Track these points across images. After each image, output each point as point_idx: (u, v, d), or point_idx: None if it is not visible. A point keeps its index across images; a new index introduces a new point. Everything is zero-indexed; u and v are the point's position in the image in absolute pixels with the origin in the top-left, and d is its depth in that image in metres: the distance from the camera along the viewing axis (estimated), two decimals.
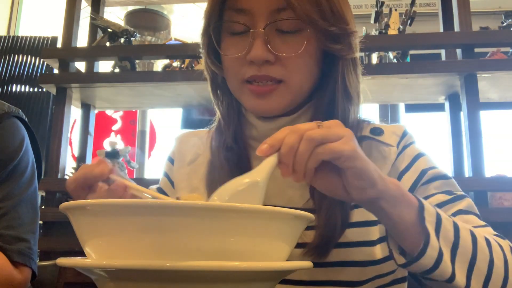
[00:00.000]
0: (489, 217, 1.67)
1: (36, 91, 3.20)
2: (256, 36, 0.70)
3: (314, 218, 0.52)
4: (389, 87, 2.00)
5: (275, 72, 0.71)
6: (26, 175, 0.97)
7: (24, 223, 0.94)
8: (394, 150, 0.75)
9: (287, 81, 0.71)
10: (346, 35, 0.72)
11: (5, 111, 0.97)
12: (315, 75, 0.75)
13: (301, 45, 0.70)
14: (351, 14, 0.76)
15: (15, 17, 3.91)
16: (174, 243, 0.42)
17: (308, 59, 0.72)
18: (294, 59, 0.71)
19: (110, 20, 2.13)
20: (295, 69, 0.71)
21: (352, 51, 0.74)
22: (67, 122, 2.01)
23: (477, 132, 1.78)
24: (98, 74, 2.13)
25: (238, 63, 0.73)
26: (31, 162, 1.00)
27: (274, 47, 0.70)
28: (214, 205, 0.44)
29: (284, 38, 0.71)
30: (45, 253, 1.84)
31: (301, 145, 0.52)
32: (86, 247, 0.47)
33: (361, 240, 0.70)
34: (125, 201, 0.43)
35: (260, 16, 0.70)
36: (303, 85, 0.74)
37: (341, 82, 0.73)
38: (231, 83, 0.76)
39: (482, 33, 1.94)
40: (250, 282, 0.46)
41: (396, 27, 2.02)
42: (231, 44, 0.74)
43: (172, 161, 0.87)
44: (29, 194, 0.97)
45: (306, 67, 0.72)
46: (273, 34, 0.71)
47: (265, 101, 0.72)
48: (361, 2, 3.42)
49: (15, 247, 0.90)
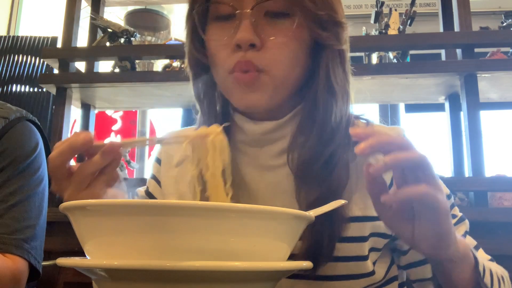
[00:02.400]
0: (489, 217, 1.68)
1: (36, 91, 3.19)
2: (243, 18, 0.67)
3: (314, 218, 0.52)
4: (389, 87, 2.00)
5: (259, 59, 0.67)
6: (37, 175, 1.00)
7: (31, 217, 0.96)
8: None
9: (269, 71, 0.68)
10: (333, 24, 0.70)
11: (23, 115, 1.02)
12: (302, 68, 0.71)
13: (289, 30, 0.67)
14: (341, 7, 0.74)
15: (15, 17, 3.91)
16: (174, 243, 0.42)
17: (296, 46, 0.69)
18: (280, 46, 0.68)
19: (110, 20, 2.13)
20: (280, 58, 0.68)
21: (340, 42, 0.71)
22: (67, 122, 2.01)
23: (477, 132, 1.78)
24: (98, 74, 2.13)
25: (225, 50, 0.69)
26: (44, 166, 1.03)
27: (262, 30, 0.67)
28: (214, 205, 0.44)
29: (272, 23, 0.68)
30: (45, 253, 1.83)
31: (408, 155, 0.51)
32: (86, 247, 0.47)
33: (354, 255, 0.70)
34: (125, 201, 0.43)
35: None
36: (288, 77, 0.70)
37: (325, 74, 0.70)
38: (217, 74, 0.72)
39: (482, 33, 1.94)
40: (250, 282, 0.46)
41: (396, 27, 2.02)
42: (217, 29, 0.71)
43: (159, 162, 0.84)
44: (38, 192, 1.00)
45: (292, 56, 0.69)
46: (261, 17, 0.68)
47: (249, 94, 0.68)
48: (361, 2, 3.42)
49: (14, 238, 0.92)
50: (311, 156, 0.68)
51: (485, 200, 1.74)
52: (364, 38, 2.01)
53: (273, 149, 0.73)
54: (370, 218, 0.70)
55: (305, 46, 0.70)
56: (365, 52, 2.04)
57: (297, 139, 0.71)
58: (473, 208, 1.72)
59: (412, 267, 0.75)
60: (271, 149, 0.73)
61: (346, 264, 0.69)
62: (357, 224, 0.69)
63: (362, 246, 0.70)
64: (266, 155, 0.73)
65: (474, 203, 1.74)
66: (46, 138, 1.08)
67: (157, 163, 0.84)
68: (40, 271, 0.98)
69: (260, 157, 0.73)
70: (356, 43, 1.87)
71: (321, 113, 0.69)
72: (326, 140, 0.69)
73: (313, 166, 0.68)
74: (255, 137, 0.73)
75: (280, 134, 0.73)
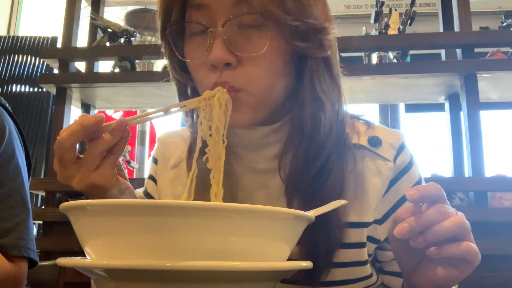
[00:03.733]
0: (489, 217, 1.68)
1: (36, 91, 3.20)
2: (215, 36, 0.62)
3: (314, 218, 0.52)
4: (389, 87, 2.00)
5: (236, 79, 0.63)
6: (13, 164, 0.92)
7: (18, 213, 0.91)
8: (391, 166, 0.71)
9: (248, 89, 0.63)
10: (313, 31, 0.64)
11: None
12: (285, 79, 0.67)
13: (265, 43, 0.62)
14: (324, 9, 0.68)
15: (15, 17, 3.91)
16: (174, 243, 0.42)
17: (275, 60, 0.64)
18: (257, 62, 0.63)
19: (110, 20, 2.13)
20: (258, 74, 0.63)
21: (323, 49, 0.66)
22: (67, 122, 2.02)
23: (477, 132, 1.78)
24: (98, 74, 2.13)
25: (202, 70, 0.65)
26: (18, 152, 0.95)
27: (236, 46, 0.62)
28: (214, 205, 0.44)
29: (246, 35, 0.63)
30: (45, 253, 1.84)
31: (449, 223, 0.51)
32: (86, 247, 0.47)
33: (354, 260, 0.70)
34: (125, 201, 0.43)
35: (219, 12, 0.63)
36: (269, 92, 0.65)
37: (310, 86, 0.66)
38: (201, 92, 0.68)
39: (482, 33, 1.95)
40: (250, 282, 0.46)
41: (396, 27, 2.02)
42: (192, 47, 0.66)
43: (156, 161, 0.82)
44: (19, 183, 0.93)
45: (271, 71, 0.64)
46: (234, 31, 0.63)
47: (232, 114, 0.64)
48: (361, 2, 3.42)
49: (10, 240, 0.88)
50: (299, 173, 0.66)
51: (485, 200, 1.74)
52: (364, 38, 2.01)
53: (268, 153, 0.71)
54: (366, 224, 0.70)
55: (284, 58, 0.65)
56: (365, 52, 2.05)
57: (285, 156, 0.69)
58: (473, 208, 1.73)
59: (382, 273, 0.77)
60: (266, 153, 0.71)
61: (346, 270, 0.69)
62: (356, 230, 0.69)
63: (361, 252, 0.70)
64: (261, 158, 0.72)
65: (474, 203, 1.75)
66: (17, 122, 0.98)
67: (154, 163, 0.83)
68: (37, 260, 0.94)
69: (256, 160, 0.72)
70: (356, 43, 1.87)
71: (309, 127, 0.66)
72: (315, 155, 0.66)
73: (302, 182, 0.66)
74: (251, 141, 0.71)
75: (275, 138, 0.71)
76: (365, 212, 0.69)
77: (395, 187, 0.71)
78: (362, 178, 0.70)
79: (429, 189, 0.52)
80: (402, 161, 0.72)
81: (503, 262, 1.64)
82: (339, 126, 0.69)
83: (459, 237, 0.52)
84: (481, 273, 1.60)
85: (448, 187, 1.75)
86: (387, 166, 0.71)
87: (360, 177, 0.70)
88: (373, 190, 0.70)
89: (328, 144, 0.67)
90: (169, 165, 0.79)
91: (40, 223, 2.46)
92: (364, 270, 0.71)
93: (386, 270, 0.76)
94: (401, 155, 0.73)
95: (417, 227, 0.51)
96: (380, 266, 0.77)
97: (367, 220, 0.69)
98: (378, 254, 0.75)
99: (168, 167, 0.79)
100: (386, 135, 0.74)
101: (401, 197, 0.71)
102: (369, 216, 0.69)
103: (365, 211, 0.69)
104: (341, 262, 0.68)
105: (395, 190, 0.71)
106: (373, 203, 0.70)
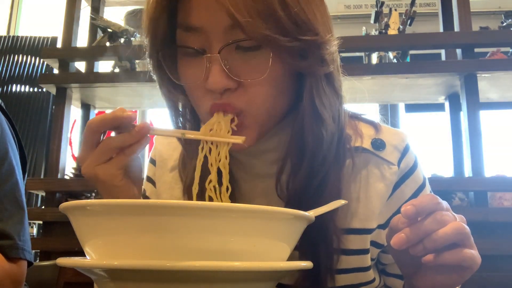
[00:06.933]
0: (489, 217, 1.68)
1: (36, 91, 3.20)
2: (212, 61, 0.59)
3: (314, 218, 0.52)
4: (389, 87, 2.00)
5: (237, 101, 0.60)
6: (6, 163, 0.90)
7: (13, 215, 0.90)
8: (395, 170, 0.70)
9: (250, 111, 0.61)
10: (314, 47, 0.61)
11: None
12: (287, 94, 0.64)
13: (265, 65, 0.59)
14: (325, 17, 0.64)
15: (15, 17, 3.91)
16: (174, 243, 0.42)
17: (275, 80, 0.61)
18: (258, 84, 0.60)
19: (110, 20, 2.13)
20: (260, 96, 0.61)
21: (325, 64, 0.62)
22: (67, 122, 2.02)
23: (477, 132, 1.78)
24: (98, 74, 2.13)
25: (198, 90, 0.62)
26: (11, 150, 0.92)
27: (235, 70, 0.59)
28: (214, 205, 0.44)
29: (245, 60, 0.60)
30: (45, 253, 1.84)
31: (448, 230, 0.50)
32: (86, 247, 0.47)
33: (358, 266, 0.69)
34: (125, 201, 0.43)
35: (215, 35, 0.59)
36: (271, 111, 0.63)
37: (310, 103, 0.62)
38: (199, 113, 0.66)
39: (482, 33, 1.95)
40: (250, 282, 0.46)
41: (396, 27, 2.02)
42: (187, 68, 0.63)
43: (154, 163, 0.81)
44: (11, 185, 0.91)
45: (272, 91, 0.61)
46: (232, 54, 0.59)
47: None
48: (361, 2, 3.42)
49: (6, 242, 0.88)
50: (300, 187, 0.65)
51: (485, 200, 1.74)
52: (364, 38, 2.01)
53: (268, 158, 0.70)
54: (369, 231, 0.69)
55: (285, 77, 0.63)
56: (365, 52, 2.05)
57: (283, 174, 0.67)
58: (473, 208, 1.73)
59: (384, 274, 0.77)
60: (266, 158, 0.70)
61: (348, 276, 0.69)
62: (359, 237, 0.69)
63: (364, 258, 0.69)
64: (261, 163, 0.70)
65: (474, 203, 1.75)
66: (10, 118, 0.95)
67: (152, 164, 0.82)
68: (32, 261, 0.94)
69: (256, 166, 0.71)
70: (356, 43, 1.87)
71: (311, 145, 0.64)
72: (317, 171, 0.65)
73: (303, 196, 0.65)
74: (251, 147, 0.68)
75: (273, 143, 0.69)
76: (368, 218, 0.69)
77: (399, 191, 0.70)
78: (365, 183, 0.69)
79: (426, 203, 0.52)
80: (406, 165, 0.71)
81: (503, 262, 1.64)
82: (340, 132, 0.67)
83: (459, 243, 0.52)
84: (481, 273, 1.59)
85: (448, 187, 1.75)
86: (391, 171, 0.70)
87: (364, 183, 0.69)
88: (376, 196, 0.69)
89: (328, 158, 0.65)
90: (167, 167, 0.78)
91: (40, 223, 2.46)
92: (367, 276, 0.70)
93: (389, 272, 0.75)
94: (405, 158, 0.71)
95: (414, 237, 0.51)
96: (383, 268, 0.76)
97: (370, 226, 0.69)
98: (381, 257, 0.75)
99: (166, 170, 0.78)
100: (389, 136, 0.72)
101: (405, 201, 0.70)
102: (373, 222, 0.69)
103: (369, 217, 0.69)
104: (344, 268, 0.68)
105: (399, 194, 0.70)
106: (376, 209, 0.69)
